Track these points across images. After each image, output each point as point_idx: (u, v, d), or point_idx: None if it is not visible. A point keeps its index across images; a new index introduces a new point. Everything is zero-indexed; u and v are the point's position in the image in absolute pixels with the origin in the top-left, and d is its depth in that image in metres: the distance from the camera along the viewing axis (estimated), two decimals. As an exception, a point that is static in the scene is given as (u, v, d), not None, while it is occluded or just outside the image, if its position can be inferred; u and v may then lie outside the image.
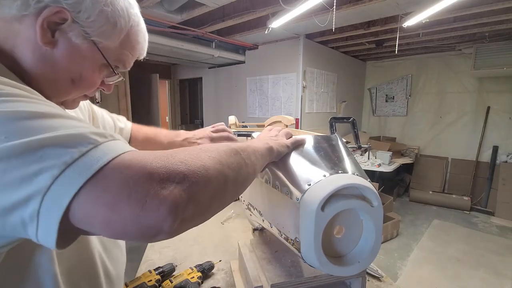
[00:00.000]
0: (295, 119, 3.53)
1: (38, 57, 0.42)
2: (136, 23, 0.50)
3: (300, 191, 0.55)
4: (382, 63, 5.11)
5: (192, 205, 0.32)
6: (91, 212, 0.28)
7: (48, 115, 0.32)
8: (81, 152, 0.29)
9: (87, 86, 0.49)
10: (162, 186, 0.29)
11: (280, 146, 0.62)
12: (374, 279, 0.96)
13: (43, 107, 0.33)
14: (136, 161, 0.30)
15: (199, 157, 0.35)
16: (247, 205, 0.88)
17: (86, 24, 0.43)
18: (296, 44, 3.52)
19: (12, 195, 0.27)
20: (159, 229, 0.30)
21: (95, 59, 0.46)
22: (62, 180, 0.27)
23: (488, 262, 2.81)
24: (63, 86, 0.46)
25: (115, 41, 0.47)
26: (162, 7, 2.51)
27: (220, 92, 4.67)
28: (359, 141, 0.89)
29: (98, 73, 0.49)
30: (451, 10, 2.49)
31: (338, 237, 0.58)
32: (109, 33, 0.45)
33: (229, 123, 1.53)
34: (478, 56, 3.74)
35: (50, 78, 0.44)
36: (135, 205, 0.28)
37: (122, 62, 0.51)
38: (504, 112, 4.04)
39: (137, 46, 0.52)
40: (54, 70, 0.44)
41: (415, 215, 3.96)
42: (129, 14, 0.47)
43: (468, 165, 4.36)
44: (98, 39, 0.44)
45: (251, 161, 0.47)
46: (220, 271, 1.00)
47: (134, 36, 0.50)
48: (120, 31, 0.47)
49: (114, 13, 0.45)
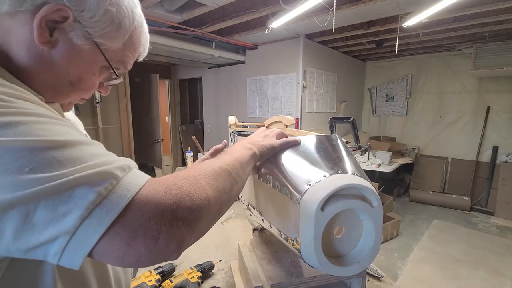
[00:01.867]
0: (295, 119, 3.53)
1: (34, 56, 0.38)
2: (140, 24, 0.47)
3: (300, 191, 0.55)
4: (382, 63, 5.11)
5: (195, 234, 0.36)
6: (110, 247, 0.30)
7: (67, 143, 0.31)
8: (107, 190, 0.30)
9: (86, 89, 0.46)
10: (172, 223, 0.32)
11: (264, 149, 0.63)
12: (374, 279, 0.96)
13: (57, 128, 0.32)
14: (151, 197, 0.32)
15: (201, 187, 0.38)
16: (247, 205, 0.88)
17: (89, 24, 0.40)
18: (296, 44, 3.52)
19: (40, 236, 0.27)
20: (167, 259, 0.34)
21: (96, 61, 0.43)
22: (90, 220, 0.28)
23: (488, 262, 2.81)
24: (62, 88, 0.43)
25: (118, 43, 0.44)
26: (162, 7, 2.51)
27: (220, 92, 4.67)
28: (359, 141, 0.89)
29: (98, 75, 0.46)
30: (451, 10, 2.49)
31: (338, 237, 0.58)
32: (113, 35, 0.42)
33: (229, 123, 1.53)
34: (478, 56, 3.74)
35: (47, 80, 0.40)
36: (149, 242, 0.31)
37: (123, 63, 0.48)
38: (504, 112, 4.04)
39: (139, 47, 0.49)
40: (52, 71, 0.40)
41: (415, 215, 3.96)
42: (134, 14, 0.45)
43: (468, 165, 4.36)
44: (101, 40, 0.42)
45: (240, 178, 0.50)
46: (220, 271, 1.00)
47: (137, 37, 0.48)
48: (124, 32, 0.44)
49: (119, 13, 0.42)
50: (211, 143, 4.89)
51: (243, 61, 4.12)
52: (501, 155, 4.06)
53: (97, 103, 3.29)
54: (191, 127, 5.98)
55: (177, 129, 5.74)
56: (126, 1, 0.43)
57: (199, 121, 5.96)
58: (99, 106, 3.31)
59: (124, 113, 3.60)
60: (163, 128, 4.59)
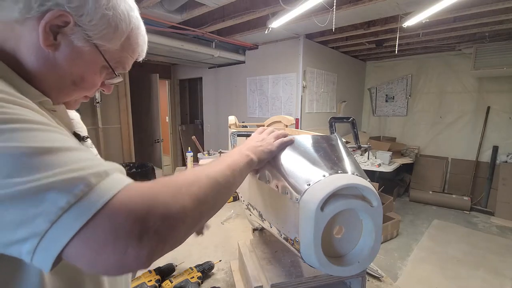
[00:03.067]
0: (295, 119, 3.53)
1: (41, 59, 0.42)
2: (136, 26, 0.50)
3: (300, 191, 0.55)
4: (382, 63, 5.11)
5: (168, 245, 0.36)
6: (79, 253, 0.30)
7: (49, 149, 0.32)
8: (78, 196, 0.30)
9: (88, 87, 0.49)
10: (143, 233, 0.32)
11: (263, 154, 0.64)
12: (374, 279, 0.96)
13: (44, 135, 0.34)
14: (124, 205, 0.32)
15: (180, 196, 0.38)
16: (247, 205, 0.88)
17: (88, 27, 0.43)
18: (296, 44, 3.52)
19: (12, 235, 0.29)
20: (137, 269, 0.34)
21: (96, 61, 0.47)
22: (58, 224, 0.29)
23: (488, 262, 2.81)
24: (65, 87, 0.47)
25: (116, 44, 0.47)
26: (162, 7, 2.51)
27: (220, 92, 4.67)
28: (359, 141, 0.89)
29: (99, 75, 0.49)
30: (451, 10, 2.49)
31: (338, 237, 0.58)
32: (110, 37, 0.46)
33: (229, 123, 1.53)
34: (478, 56, 3.74)
35: (52, 80, 0.44)
36: (119, 251, 0.31)
37: (122, 64, 0.51)
38: (504, 112, 4.04)
39: (137, 48, 0.52)
40: (56, 72, 0.44)
41: (415, 215, 3.96)
42: (130, 17, 0.48)
43: (468, 165, 4.36)
44: (99, 42, 0.45)
45: (230, 185, 0.50)
46: (220, 271, 1.00)
47: (134, 39, 0.51)
48: (121, 34, 0.47)
49: (115, 17, 0.45)
50: (211, 143, 4.89)
51: (243, 61, 4.12)
52: (501, 155, 4.06)
53: (97, 103, 3.29)
54: (191, 127, 5.98)
55: (177, 129, 5.74)
56: (122, 5, 0.46)
57: (199, 121, 5.96)
58: (99, 106, 3.31)
59: (124, 113, 3.60)
60: (163, 128, 4.59)
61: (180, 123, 5.79)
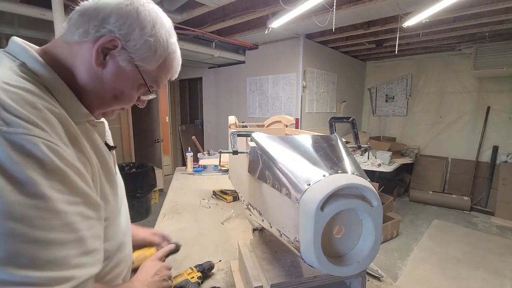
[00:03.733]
0: (295, 119, 3.53)
1: (91, 76, 0.51)
2: (173, 51, 0.58)
3: (300, 191, 0.55)
4: (382, 63, 5.11)
5: None
6: None
7: (43, 244, 0.38)
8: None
9: (126, 101, 0.57)
10: None
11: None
12: (374, 279, 0.96)
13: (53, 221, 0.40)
14: None
15: None
16: (247, 205, 0.88)
17: (133, 51, 0.51)
18: (296, 44, 3.52)
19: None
20: None
21: (135, 79, 0.54)
22: None
23: (488, 262, 2.81)
24: (107, 100, 0.55)
25: (153, 66, 0.55)
26: (162, 7, 2.46)
27: (220, 92, 4.67)
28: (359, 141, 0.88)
29: (136, 91, 0.57)
30: (451, 10, 2.49)
31: (338, 237, 0.58)
32: (150, 59, 0.53)
33: (229, 123, 1.53)
34: (478, 56, 3.74)
35: (97, 93, 0.53)
36: None
37: (156, 82, 0.59)
38: (504, 112, 4.04)
39: (171, 70, 0.61)
40: (102, 87, 0.52)
41: (415, 215, 3.96)
42: (168, 43, 0.56)
43: (468, 165, 4.36)
44: (140, 63, 0.53)
45: None
46: (220, 271, 1.00)
47: (170, 62, 0.58)
48: (159, 58, 0.55)
49: (156, 43, 0.53)
50: (211, 143, 4.90)
51: (243, 61, 4.12)
52: (501, 155, 4.05)
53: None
54: (191, 127, 5.98)
55: (177, 129, 5.74)
56: (163, 33, 0.55)
57: (199, 121, 5.96)
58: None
59: (124, 113, 3.60)
60: (163, 128, 4.58)
61: (180, 123, 5.79)
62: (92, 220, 0.45)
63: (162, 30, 0.54)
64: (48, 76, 0.47)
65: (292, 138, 0.75)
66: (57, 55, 0.51)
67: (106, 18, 0.49)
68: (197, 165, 2.58)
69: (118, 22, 0.49)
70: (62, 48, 0.51)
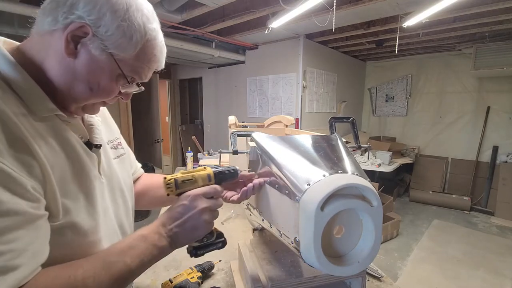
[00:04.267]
0: (295, 119, 3.53)
1: (62, 67, 0.48)
2: (153, 37, 0.52)
3: (300, 191, 0.55)
4: (382, 63, 5.11)
5: None
6: None
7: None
8: None
9: (104, 94, 0.53)
10: None
11: (178, 237, 0.56)
12: (374, 279, 0.96)
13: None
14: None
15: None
16: (247, 205, 0.88)
17: (105, 37, 0.47)
18: (296, 44, 3.52)
19: None
20: None
21: (112, 69, 0.50)
22: None
23: (488, 262, 2.81)
24: (82, 93, 0.51)
25: (130, 53, 0.50)
26: (162, 7, 2.51)
27: (220, 92, 4.67)
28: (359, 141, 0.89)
29: (115, 82, 0.52)
30: (451, 10, 2.49)
31: (338, 237, 0.58)
32: (124, 46, 0.49)
33: (229, 123, 1.54)
34: (478, 56, 3.74)
35: (70, 86, 0.49)
36: None
37: (137, 73, 0.54)
38: (504, 112, 4.04)
39: (153, 59, 0.54)
40: (75, 78, 0.49)
41: (415, 215, 3.96)
42: (146, 28, 0.51)
43: (468, 165, 4.36)
44: (115, 51, 0.48)
45: (130, 275, 0.50)
46: (220, 271, 1.00)
47: (150, 49, 0.53)
48: (136, 44, 0.50)
49: (130, 28, 0.48)
50: (211, 143, 4.89)
51: (243, 61, 4.12)
52: (501, 155, 4.05)
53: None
54: (191, 127, 5.98)
55: (177, 129, 5.74)
56: (139, 18, 0.49)
57: (199, 121, 5.96)
58: (99, 106, 3.30)
59: (124, 113, 3.60)
60: (163, 128, 4.58)
61: (180, 123, 5.79)
62: (14, 231, 0.40)
63: (137, 14, 0.49)
64: (10, 71, 0.45)
65: (292, 138, 0.75)
66: (29, 50, 0.49)
67: (74, 3, 0.46)
68: (197, 165, 2.58)
69: (87, 7, 0.46)
70: (35, 42, 0.50)
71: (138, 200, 0.79)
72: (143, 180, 0.85)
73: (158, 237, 0.54)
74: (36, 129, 0.46)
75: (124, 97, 0.58)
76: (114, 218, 0.63)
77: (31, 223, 0.42)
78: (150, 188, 0.82)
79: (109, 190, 0.62)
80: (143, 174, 0.88)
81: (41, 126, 0.47)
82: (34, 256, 0.42)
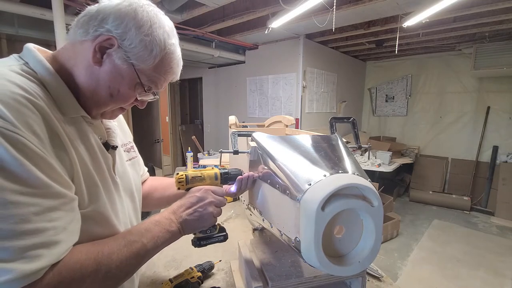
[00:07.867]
0: (295, 119, 3.53)
1: (88, 73, 0.54)
2: (171, 51, 0.58)
3: (300, 191, 0.55)
4: (382, 63, 5.11)
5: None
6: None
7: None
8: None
9: (123, 100, 0.58)
10: None
11: (188, 224, 0.63)
12: (374, 279, 0.96)
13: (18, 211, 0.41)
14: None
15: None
16: (247, 205, 0.88)
17: (128, 49, 0.53)
18: (296, 44, 3.52)
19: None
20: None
21: (131, 78, 0.55)
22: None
23: (488, 262, 2.81)
24: (103, 98, 0.56)
25: (149, 65, 0.56)
26: (162, 7, 2.51)
27: (220, 92, 4.67)
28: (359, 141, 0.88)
29: (133, 91, 0.57)
30: (451, 10, 2.49)
31: (338, 237, 0.58)
32: (145, 58, 0.54)
33: (229, 123, 1.53)
34: (478, 56, 3.74)
35: (93, 91, 0.55)
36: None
37: (154, 83, 0.59)
38: (504, 112, 4.04)
39: (169, 71, 0.60)
40: (98, 84, 0.54)
41: (415, 215, 3.96)
42: (166, 44, 0.57)
43: (468, 165, 4.36)
44: (135, 62, 0.54)
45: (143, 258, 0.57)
46: (220, 271, 1.00)
47: (167, 62, 0.58)
48: (155, 57, 0.55)
49: (152, 42, 0.54)
50: (211, 143, 4.89)
51: (243, 61, 4.12)
52: (501, 155, 4.06)
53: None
54: (191, 127, 5.98)
55: (177, 129, 5.74)
56: (161, 34, 0.56)
57: (199, 121, 5.96)
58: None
59: (124, 113, 3.60)
60: (163, 128, 4.58)
61: (180, 123, 5.79)
62: (57, 211, 0.45)
63: (159, 30, 0.55)
64: (45, 73, 0.51)
65: (292, 138, 0.75)
66: (61, 57, 0.55)
67: (105, 18, 0.52)
68: (197, 165, 2.58)
69: (116, 22, 0.52)
70: (67, 50, 0.56)
71: (143, 201, 0.83)
72: (149, 183, 0.91)
73: (169, 223, 0.61)
74: (65, 128, 0.51)
75: (140, 104, 0.64)
76: (127, 215, 0.68)
77: (69, 204, 0.48)
78: (155, 190, 0.88)
79: (123, 189, 0.67)
80: (149, 177, 0.93)
81: (69, 125, 0.53)
82: (71, 234, 0.48)
